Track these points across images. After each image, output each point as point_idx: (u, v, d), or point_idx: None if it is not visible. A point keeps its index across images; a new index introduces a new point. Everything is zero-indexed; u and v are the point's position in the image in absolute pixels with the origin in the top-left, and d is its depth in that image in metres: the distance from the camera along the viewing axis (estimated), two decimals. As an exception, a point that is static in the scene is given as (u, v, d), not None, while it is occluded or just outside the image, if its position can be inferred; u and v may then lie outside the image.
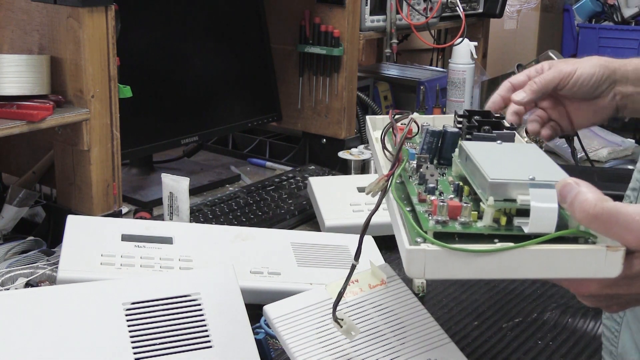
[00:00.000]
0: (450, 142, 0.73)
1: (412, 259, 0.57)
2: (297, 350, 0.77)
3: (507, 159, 0.66)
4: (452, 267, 0.57)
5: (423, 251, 0.57)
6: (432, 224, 0.59)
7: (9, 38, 1.17)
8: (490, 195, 0.59)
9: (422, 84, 1.87)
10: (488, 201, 0.59)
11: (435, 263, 0.57)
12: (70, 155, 1.16)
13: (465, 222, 0.59)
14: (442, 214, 0.60)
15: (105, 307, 0.77)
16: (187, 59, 1.51)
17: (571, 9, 2.65)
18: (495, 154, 0.66)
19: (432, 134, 0.73)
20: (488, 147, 0.69)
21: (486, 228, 0.59)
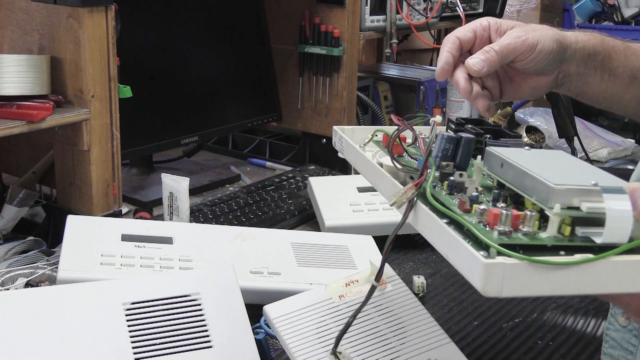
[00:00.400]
0: (466, 149, 0.67)
1: (490, 275, 0.50)
2: (297, 350, 0.77)
3: (552, 165, 0.62)
4: (531, 282, 0.51)
5: (502, 265, 0.50)
6: (496, 235, 0.53)
7: (9, 38, 1.17)
8: (556, 203, 0.54)
9: (422, 84, 1.87)
10: (554, 209, 0.54)
11: (515, 278, 0.51)
12: (70, 155, 1.16)
13: (529, 232, 0.54)
14: (505, 224, 0.54)
15: (105, 307, 0.77)
16: (187, 59, 1.51)
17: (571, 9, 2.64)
18: (535, 161, 0.62)
19: (449, 140, 0.66)
20: (521, 154, 0.64)
21: (551, 239, 0.54)
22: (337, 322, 0.81)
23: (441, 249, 0.57)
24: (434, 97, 1.86)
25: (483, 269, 0.50)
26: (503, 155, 0.63)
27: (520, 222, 0.55)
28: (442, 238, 0.57)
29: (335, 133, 0.86)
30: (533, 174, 0.57)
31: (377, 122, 1.81)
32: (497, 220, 0.54)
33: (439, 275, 1.13)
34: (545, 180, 0.55)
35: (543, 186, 0.56)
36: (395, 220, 0.69)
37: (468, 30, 0.83)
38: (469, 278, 0.53)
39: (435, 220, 0.58)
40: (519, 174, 0.60)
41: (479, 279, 0.51)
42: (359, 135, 0.85)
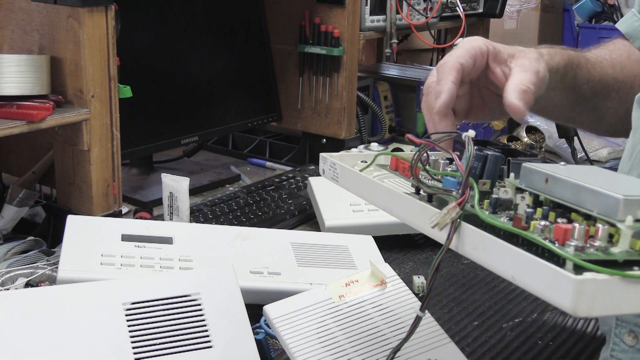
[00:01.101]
0: (492, 167, 0.64)
1: (581, 293, 0.47)
2: (297, 350, 0.77)
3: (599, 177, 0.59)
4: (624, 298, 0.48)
5: (593, 282, 0.47)
6: (572, 251, 0.50)
7: (9, 38, 1.17)
8: (627, 215, 0.51)
9: (422, 84, 1.86)
10: (626, 222, 0.51)
11: (607, 296, 0.48)
12: (70, 155, 1.16)
13: (600, 247, 0.51)
14: (579, 240, 0.51)
15: (105, 307, 0.77)
16: (187, 59, 1.51)
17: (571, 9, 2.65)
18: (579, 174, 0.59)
19: (477, 158, 0.63)
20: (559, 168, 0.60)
21: (624, 253, 0.51)
22: (337, 322, 0.81)
23: (504, 270, 0.54)
24: (434, 97, 1.86)
25: (574, 287, 0.47)
26: (546, 170, 0.59)
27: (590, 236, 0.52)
28: (505, 257, 0.53)
29: (325, 160, 0.79)
30: (593, 187, 0.55)
31: (377, 122, 1.81)
32: (569, 235, 0.52)
33: (439, 275, 1.13)
34: (610, 192, 0.53)
35: (608, 199, 0.53)
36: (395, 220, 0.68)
37: (470, 56, 0.76)
38: (552, 298, 0.49)
39: (493, 240, 0.55)
40: (572, 188, 0.57)
41: (568, 298, 0.47)
42: (347, 163, 0.78)
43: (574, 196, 0.56)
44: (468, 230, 0.57)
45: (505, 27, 2.65)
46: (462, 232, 0.58)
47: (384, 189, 0.68)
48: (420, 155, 0.65)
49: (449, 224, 0.58)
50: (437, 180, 0.67)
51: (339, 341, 0.79)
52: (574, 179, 0.57)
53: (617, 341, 0.77)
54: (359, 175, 0.73)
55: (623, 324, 0.76)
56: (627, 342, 0.76)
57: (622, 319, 0.76)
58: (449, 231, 0.58)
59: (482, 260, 0.56)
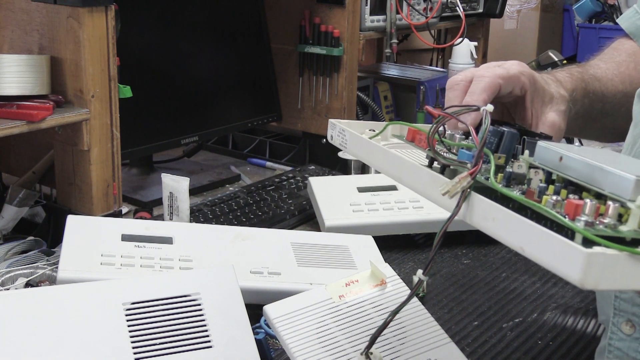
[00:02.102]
0: (508, 143, 0.65)
1: (590, 266, 0.48)
2: (297, 350, 0.77)
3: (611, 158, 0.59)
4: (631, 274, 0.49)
5: (603, 256, 0.48)
6: (582, 225, 0.51)
7: (9, 38, 1.18)
8: (638, 195, 0.52)
9: (422, 84, 1.87)
10: (637, 202, 0.52)
11: (615, 270, 0.49)
12: (70, 155, 1.16)
13: (609, 224, 0.52)
14: (589, 215, 0.52)
15: (105, 307, 0.77)
16: (187, 59, 1.51)
17: (571, 9, 2.65)
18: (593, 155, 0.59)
19: (493, 134, 0.64)
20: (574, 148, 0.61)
21: (632, 232, 0.52)
22: (337, 322, 0.81)
23: (513, 241, 0.54)
24: (434, 97, 1.87)
25: (583, 260, 0.47)
26: (561, 149, 0.60)
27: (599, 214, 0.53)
28: (515, 229, 0.53)
29: (334, 126, 0.78)
30: (605, 167, 0.55)
31: (377, 122, 1.81)
32: (580, 210, 0.52)
33: (439, 275, 1.13)
34: (622, 172, 0.54)
35: (619, 179, 0.54)
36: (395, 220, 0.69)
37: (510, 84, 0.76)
38: (558, 270, 0.49)
39: (504, 210, 0.55)
40: (586, 168, 0.57)
41: (577, 270, 0.48)
42: (355, 130, 0.78)
43: (587, 175, 0.57)
44: (478, 200, 0.57)
45: (505, 27, 2.65)
46: (472, 202, 0.58)
47: (395, 157, 0.68)
48: (437, 127, 0.65)
49: (459, 193, 0.58)
50: (453, 153, 0.67)
51: (339, 341, 0.79)
52: (588, 158, 0.57)
53: (615, 330, 0.78)
54: (368, 142, 0.73)
55: (621, 313, 0.77)
56: (624, 331, 0.77)
57: (619, 308, 0.77)
58: (458, 199, 0.58)
59: (492, 230, 0.55)
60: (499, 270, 1.15)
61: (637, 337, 0.76)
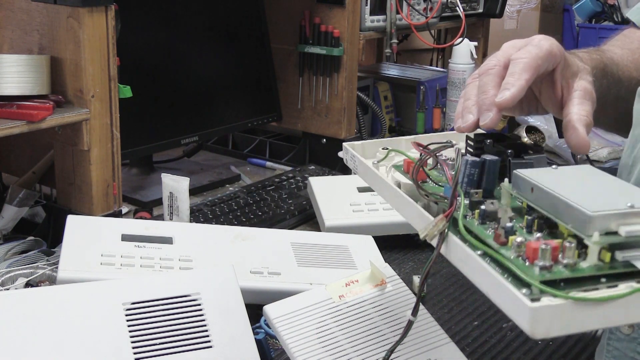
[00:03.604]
0: (491, 172, 0.65)
1: (537, 318, 0.49)
2: (297, 350, 0.77)
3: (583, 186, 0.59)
4: (579, 319, 0.50)
5: (548, 308, 0.49)
6: (537, 271, 0.52)
7: (9, 38, 1.17)
8: (594, 231, 0.52)
9: (422, 84, 1.87)
10: (593, 238, 0.52)
11: (562, 318, 0.50)
12: (70, 155, 1.16)
13: (569, 263, 0.53)
14: (546, 259, 0.53)
15: (105, 307, 0.77)
16: (187, 59, 1.51)
17: (571, 9, 2.64)
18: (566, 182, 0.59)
19: (473, 165, 0.64)
20: (549, 174, 0.61)
21: (592, 268, 0.53)
22: (337, 322, 0.81)
23: (480, 285, 0.56)
24: (434, 97, 1.86)
25: (530, 314, 0.49)
26: (532, 179, 0.60)
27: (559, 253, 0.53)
28: (480, 274, 0.56)
29: (347, 151, 0.80)
30: (567, 201, 0.55)
31: (377, 122, 1.81)
32: (537, 255, 0.53)
33: (439, 275, 1.13)
34: (581, 207, 0.54)
35: (579, 213, 0.54)
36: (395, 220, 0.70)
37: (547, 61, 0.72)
38: (514, 319, 0.51)
39: (471, 256, 0.56)
40: (552, 200, 0.57)
41: (526, 322, 0.49)
42: (370, 150, 0.80)
43: (554, 208, 0.57)
44: (454, 241, 0.59)
45: (505, 27, 2.65)
46: (449, 242, 0.60)
47: (391, 189, 0.70)
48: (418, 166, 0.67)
49: (437, 235, 0.60)
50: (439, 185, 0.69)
51: (339, 341, 0.79)
52: (554, 189, 0.57)
53: (613, 330, 0.78)
54: (372, 171, 0.75)
55: None
56: (623, 331, 0.76)
57: None
58: (437, 241, 0.60)
59: (465, 272, 0.58)
60: (499, 270, 1.15)
61: (635, 337, 0.76)
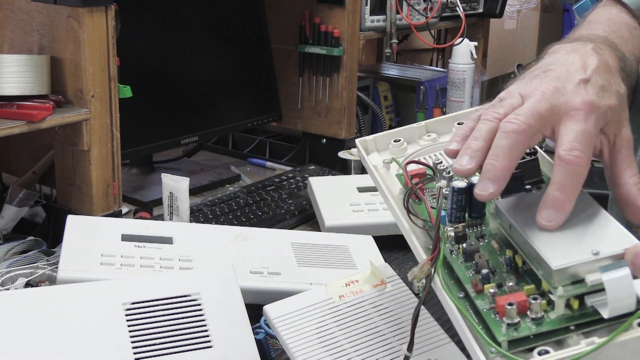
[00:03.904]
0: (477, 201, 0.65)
1: None
2: (297, 350, 0.77)
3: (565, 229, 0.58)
4: None
5: None
6: (504, 330, 0.54)
7: (9, 38, 1.17)
8: (558, 285, 0.53)
9: (422, 84, 1.87)
10: (558, 292, 0.53)
11: None
12: (70, 155, 1.16)
13: (537, 317, 0.54)
14: (512, 317, 0.54)
15: (105, 307, 0.77)
16: (187, 59, 1.51)
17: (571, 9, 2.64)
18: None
19: (459, 192, 0.63)
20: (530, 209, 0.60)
21: (561, 319, 0.54)
22: (337, 322, 0.81)
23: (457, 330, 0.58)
24: (434, 97, 1.87)
25: None
26: (510, 216, 0.60)
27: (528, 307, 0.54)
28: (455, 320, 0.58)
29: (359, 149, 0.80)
30: (536, 248, 0.56)
31: (377, 122, 1.81)
32: (504, 312, 0.54)
33: (439, 275, 1.13)
34: (547, 258, 0.54)
35: (545, 264, 0.55)
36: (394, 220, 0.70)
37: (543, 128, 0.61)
38: None
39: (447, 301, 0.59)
40: (525, 244, 0.58)
41: None
42: (382, 142, 0.80)
43: (527, 250, 0.58)
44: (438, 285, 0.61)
45: (505, 27, 2.65)
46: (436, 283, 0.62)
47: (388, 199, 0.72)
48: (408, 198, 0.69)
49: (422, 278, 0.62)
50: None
51: (339, 341, 0.79)
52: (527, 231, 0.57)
53: None
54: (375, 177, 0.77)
55: None
56: None
57: None
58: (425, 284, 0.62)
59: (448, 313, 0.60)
60: (499, 270, 1.15)
61: None
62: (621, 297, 0.51)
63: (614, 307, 0.51)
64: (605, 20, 0.84)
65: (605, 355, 0.50)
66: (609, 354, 0.50)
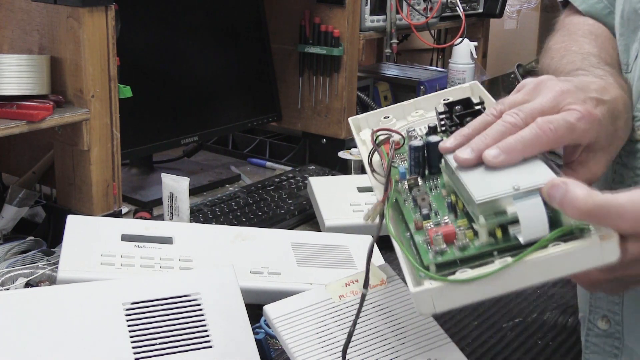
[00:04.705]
0: (435, 152, 0.69)
1: (419, 300, 0.58)
2: (297, 350, 0.77)
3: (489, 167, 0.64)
4: (459, 296, 0.57)
5: (428, 290, 0.57)
6: (431, 256, 0.59)
7: (9, 38, 1.18)
8: (480, 215, 0.58)
9: (422, 84, 1.87)
10: (479, 221, 0.58)
11: (443, 298, 0.58)
12: (70, 155, 1.16)
13: (462, 245, 0.59)
14: (439, 244, 0.60)
15: (105, 307, 0.77)
16: (187, 59, 1.51)
17: (571, 9, 2.64)
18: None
19: (416, 149, 0.70)
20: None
21: (484, 246, 0.59)
22: (337, 322, 0.81)
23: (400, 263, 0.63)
24: (434, 97, 1.86)
25: (414, 297, 0.58)
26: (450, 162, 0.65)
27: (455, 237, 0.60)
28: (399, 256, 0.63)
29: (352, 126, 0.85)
30: (466, 186, 0.60)
31: (377, 122, 1.80)
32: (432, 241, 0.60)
33: (439, 275, 1.13)
34: (472, 193, 0.59)
35: (470, 198, 0.59)
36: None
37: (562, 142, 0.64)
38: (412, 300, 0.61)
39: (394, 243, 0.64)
40: (459, 184, 0.63)
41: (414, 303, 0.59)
42: (373, 120, 0.84)
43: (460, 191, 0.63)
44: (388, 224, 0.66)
45: (505, 27, 2.65)
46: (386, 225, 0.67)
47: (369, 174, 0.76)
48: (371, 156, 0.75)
49: (376, 218, 0.67)
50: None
51: (339, 341, 0.79)
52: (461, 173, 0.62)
53: (591, 326, 0.80)
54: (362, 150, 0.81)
55: (597, 310, 0.79)
56: (600, 326, 0.78)
57: (595, 305, 0.79)
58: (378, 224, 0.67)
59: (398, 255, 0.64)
60: (499, 270, 1.15)
61: (612, 332, 0.78)
62: (533, 223, 0.56)
63: (527, 233, 0.56)
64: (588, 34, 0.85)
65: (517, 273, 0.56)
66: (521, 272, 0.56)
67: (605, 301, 0.78)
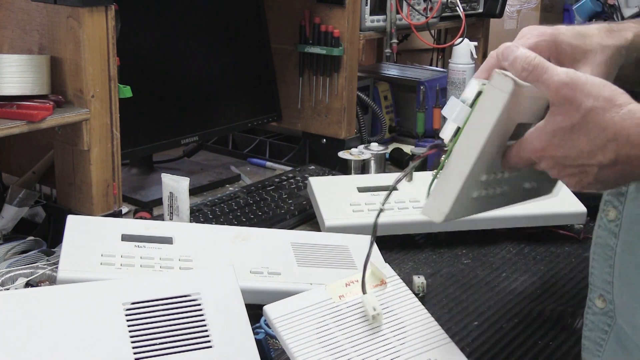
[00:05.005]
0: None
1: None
2: (297, 350, 0.77)
3: None
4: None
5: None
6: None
7: (9, 38, 1.18)
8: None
9: (422, 84, 1.86)
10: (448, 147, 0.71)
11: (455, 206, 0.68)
12: (70, 155, 1.16)
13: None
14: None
15: (105, 307, 0.77)
16: (187, 59, 1.51)
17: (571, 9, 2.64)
18: None
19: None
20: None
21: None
22: (337, 322, 0.81)
23: None
24: (434, 97, 1.86)
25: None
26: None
27: None
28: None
29: None
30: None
31: (377, 122, 1.81)
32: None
33: (438, 275, 1.13)
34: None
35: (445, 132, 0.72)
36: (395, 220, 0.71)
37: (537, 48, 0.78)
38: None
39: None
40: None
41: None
42: None
43: None
44: None
45: (505, 27, 2.65)
46: None
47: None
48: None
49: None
50: None
51: (339, 341, 0.79)
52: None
53: (590, 304, 0.80)
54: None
55: (594, 289, 0.79)
56: (597, 305, 0.79)
57: (593, 283, 0.80)
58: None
59: None
60: (499, 270, 1.15)
61: (607, 311, 0.78)
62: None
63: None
64: None
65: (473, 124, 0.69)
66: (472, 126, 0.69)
67: (600, 280, 0.79)
